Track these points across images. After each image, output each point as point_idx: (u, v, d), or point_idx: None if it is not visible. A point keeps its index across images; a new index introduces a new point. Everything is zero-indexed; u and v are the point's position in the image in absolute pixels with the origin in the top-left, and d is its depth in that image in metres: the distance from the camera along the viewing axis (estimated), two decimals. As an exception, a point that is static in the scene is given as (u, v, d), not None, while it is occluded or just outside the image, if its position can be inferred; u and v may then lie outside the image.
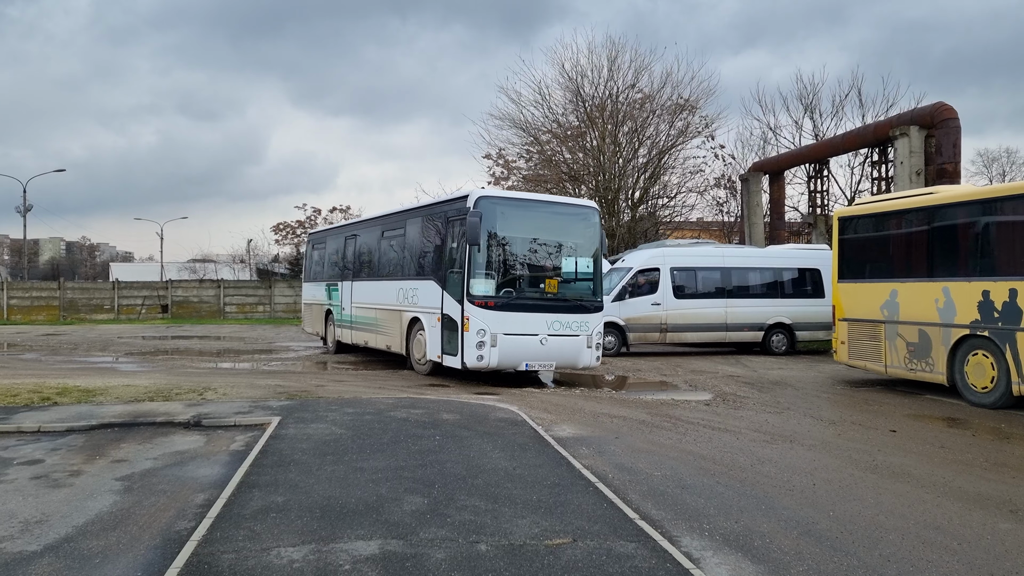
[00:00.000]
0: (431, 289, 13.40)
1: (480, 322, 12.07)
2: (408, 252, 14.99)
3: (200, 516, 5.47)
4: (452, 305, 12.57)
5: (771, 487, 6.60)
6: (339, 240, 19.29)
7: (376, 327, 16.17)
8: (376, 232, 16.86)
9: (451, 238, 12.98)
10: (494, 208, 12.30)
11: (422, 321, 13.75)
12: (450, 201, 13.43)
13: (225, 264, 56.34)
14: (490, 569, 4.50)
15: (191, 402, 10.21)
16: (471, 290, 12.13)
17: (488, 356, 12.13)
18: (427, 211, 14.39)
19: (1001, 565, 4.84)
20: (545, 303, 12.58)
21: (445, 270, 12.97)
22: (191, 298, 41.87)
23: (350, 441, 7.83)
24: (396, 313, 15.03)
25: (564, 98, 31.63)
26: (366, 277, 17.16)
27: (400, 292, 14.80)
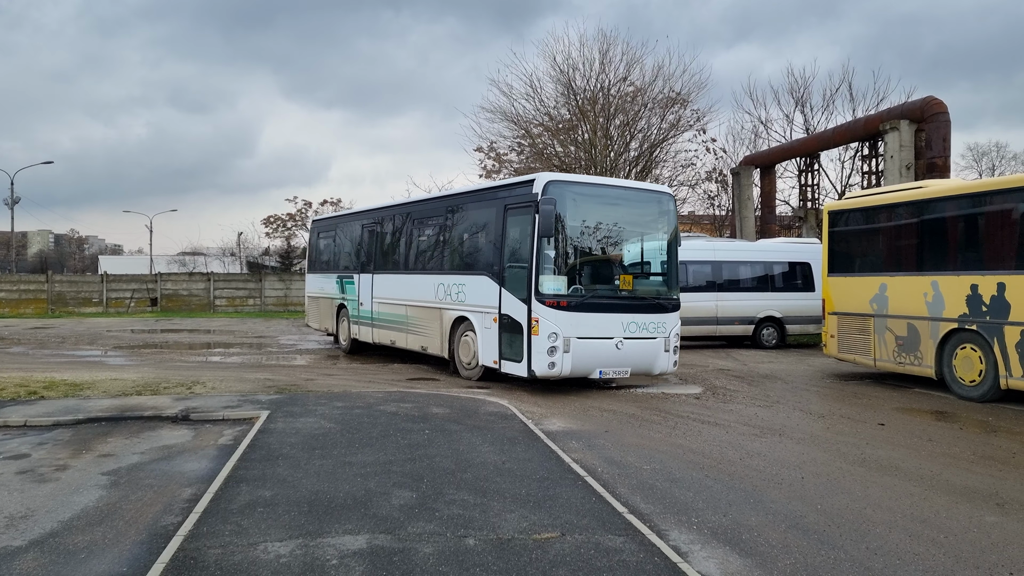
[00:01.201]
0: (484, 285, 11.96)
1: (552, 324, 10.62)
2: (451, 243, 13.55)
3: (187, 511, 5.43)
4: (514, 304, 11.14)
5: (760, 481, 6.61)
6: (354, 228, 17.64)
7: (407, 326, 14.67)
8: (406, 220, 15.35)
9: (511, 228, 11.52)
10: (564, 193, 10.79)
11: (471, 321, 12.32)
12: (510, 186, 12.07)
13: (215, 257, 56.07)
14: (478, 563, 4.49)
15: (179, 396, 10.16)
16: (540, 288, 10.69)
17: (560, 363, 10.65)
18: (478, 197, 12.96)
19: (987, 558, 4.86)
20: (620, 302, 11.27)
21: (503, 264, 11.51)
22: (180, 291, 41.67)
23: (339, 435, 7.81)
24: (435, 311, 13.54)
25: (556, 91, 31.58)
26: (393, 270, 15.59)
27: (440, 288, 13.32)
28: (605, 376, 11.15)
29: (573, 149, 31.42)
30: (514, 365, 11.14)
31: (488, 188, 12.97)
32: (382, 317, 15.72)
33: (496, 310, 11.55)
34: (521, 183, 11.57)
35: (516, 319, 11.08)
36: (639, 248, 11.92)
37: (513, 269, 11.35)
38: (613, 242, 11.77)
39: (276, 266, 51.32)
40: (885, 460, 7.41)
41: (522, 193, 11.31)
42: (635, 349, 11.23)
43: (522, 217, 11.18)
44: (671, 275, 12.02)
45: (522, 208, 11.20)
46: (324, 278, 19.20)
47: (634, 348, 11.21)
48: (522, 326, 10.89)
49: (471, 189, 13.82)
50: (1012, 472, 7.03)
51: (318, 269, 19.81)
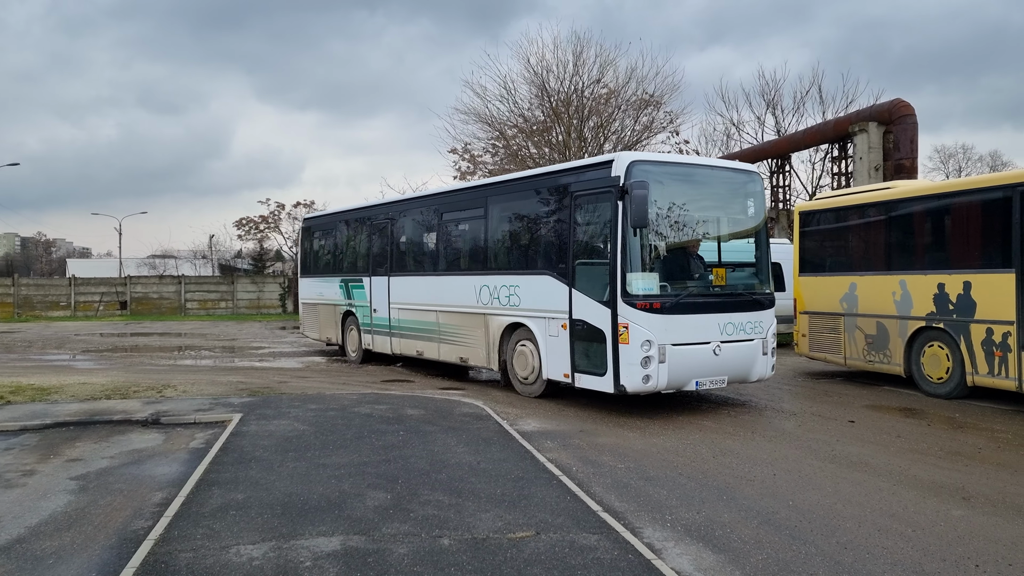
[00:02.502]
0: (547, 286, 10.33)
1: (644, 330, 8.96)
2: (498, 239, 11.86)
3: (157, 515, 5.37)
4: (591, 308, 9.52)
5: (732, 478, 6.67)
6: (363, 225, 15.73)
7: (439, 334, 12.92)
8: (431, 213, 13.48)
9: (582, 218, 9.96)
10: (649, 175, 9.14)
11: (530, 328, 10.68)
12: (578, 170, 10.32)
13: (186, 260, 55.38)
14: (453, 563, 4.48)
15: (150, 400, 10.03)
16: (629, 287, 9.03)
17: (656, 376, 9.02)
18: (535, 184, 11.13)
19: (953, 551, 4.95)
20: (716, 300, 9.76)
21: (571, 261, 9.91)
22: (151, 294, 41.16)
23: (313, 437, 7.76)
24: (477, 317, 11.88)
25: (530, 93, 31.64)
26: (417, 271, 13.90)
27: (485, 291, 11.66)
28: (702, 387, 9.54)
29: (548, 151, 31.50)
30: (593, 379, 9.54)
31: (548, 173, 11.06)
32: (404, 325, 13.97)
33: (566, 315, 9.92)
34: (593, 165, 9.94)
35: (595, 325, 9.45)
36: (730, 236, 10.46)
37: (587, 266, 9.80)
38: (702, 230, 10.17)
39: (249, 268, 50.84)
40: (855, 456, 7.51)
41: (596, 177, 9.69)
42: (733, 354, 9.66)
43: (597, 205, 9.64)
44: (764, 266, 10.48)
45: (596, 194, 9.64)
46: (324, 282, 17.34)
47: (732, 353, 9.65)
48: (604, 333, 9.28)
49: (524, 176, 11.84)
50: (978, 467, 7.16)
51: (315, 272, 17.94)
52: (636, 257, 9.15)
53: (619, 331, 9.09)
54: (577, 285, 9.82)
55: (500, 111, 31.78)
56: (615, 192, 9.18)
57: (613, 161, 9.37)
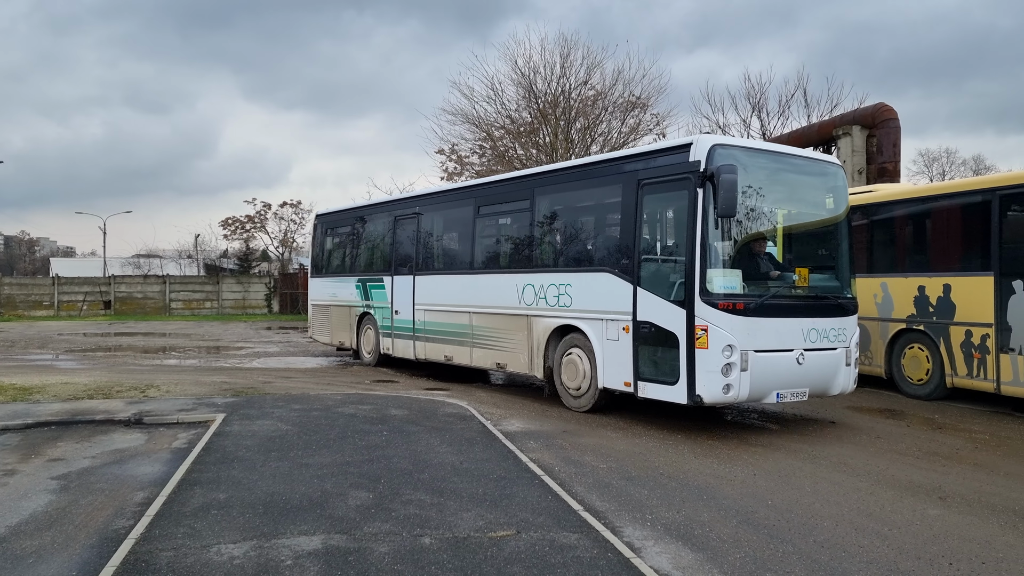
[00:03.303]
0: (607, 285, 9.33)
1: (726, 334, 7.99)
2: (545, 233, 10.91)
3: (139, 514, 5.37)
4: (661, 308, 8.53)
5: (713, 478, 6.73)
6: (384, 221, 14.74)
7: (471, 338, 11.89)
8: (466, 207, 12.45)
9: (650, 209, 9.13)
10: (734, 160, 8.14)
11: (584, 332, 9.67)
12: (647, 155, 9.28)
13: (171, 259, 55.13)
14: (433, 562, 4.51)
15: (132, 400, 9.99)
16: (709, 285, 8.09)
17: (738, 385, 8.04)
18: (590, 173, 10.26)
19: (928, 549, 5.02)
20: (799, 304, 8.81)
21: (636, 256, 8.94)
22: (135, 294, 40.92)
23: (296, 437, 7.76)
24: (518, 319, 10.88)
25: (517, 94, 31.69)
26: (447, 269, 12.97)
27: (529, 290, 10.67)
28: (782, 400, 8.54)
29: (535, 152, 31.57)
30: (662, 388, 8.53)
31: (608, 160, 9.99)
32: (431, 328, 12.93)
33: (628, 316, 8.91)
34: (666, 150, 8.96)
35: (665, 328, 8.46)
36: (812, 232, 9.62)
37: (656, 262, 9.02)
38: (783, 225, 9.42)
39: (234, 268, 50.65)
40: (835, 457, 7.58)
41: (669, 163, 8.73)
42: (816, 364, 8.66)
43: (671, 193, 8.81)
44: (846, 267, 9.43)
45: (670, 181, 8.71)
46: (337, 282, 16.29)
47: (815, 362, 8.65)
48: (676, 337, 8.29)
49: (579, 164, 10.76)
50: (955, 467, 7.26)
51: (328, 272, 16.91)
52: (717, 252, 8.22)
53: (696, 334, 8.09)
54: (643, 283, 8.84)
55: (487, 112, 31.83)
56: (693, 179, 8.22)
57: (692, 144, 8.42)
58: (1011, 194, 9.96)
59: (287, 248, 55.20)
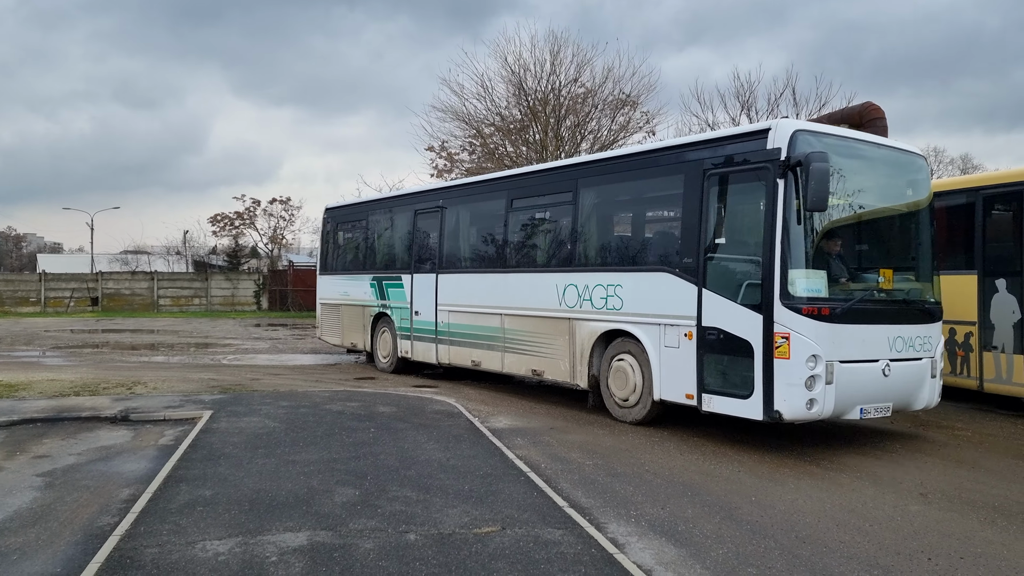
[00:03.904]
0: (665, 286, 8.48)
1: (810, 343, 7.16)
2: (592, 228, 10.07)
3: (124, 511, 5.37)
4: (732, 312, 7.70)
5: (698, 475, 6.78)
6: (401, 214, 13.84)
7: (503, 342, 11.01)
8: (498, 200, 11.52)
9: (718, 202, 8.17)
10: (821, 148, 7.34)
11: (637, 337, 8.83)
12: (715, 142, 8.40)
13: (159, 256, 54.88)
14: (418, 558, 4.54)
15: (119, 396, 9.97)
16: (791, 287, 7.25)
17: (823, 399, 7.21)
18: (650, 162, 9.27)
19: (908, 544, 5.08)
20: (885, 308, 7.95)
21: (703, 254, 8.08)
22: (123, 290, 40.71)
23: (283, 434, 7.77)
24: (561, 323, 9.97)
25: (507, 91, 31.67)
26: (476, 267, 11.98)
27: (572, 290, 9.77)
28: (866, 416, 7.70)
29: (525, 149, 31.59)
30: (732, 402, 7.67)
31: (668, 148, 9.09)
32: (456, 330, 12.03)
33: (692, 321, 8.07)
34: (738, 136, 8.15)
35: (736, 335, 7.62)
36: (896, 229, 8.80)
37: (726, 262, 8.14)
38: (870, 222, 8.53)
39: (223, 265, 50.45)
40: (820, 454, 7.65)
41: (743, 150, 7.91)
42: (901, 375, 7.85)
43: (744, 185, 8.05)
44: (929, 266, 8.63)
45: (744, 171, 7.92)
46: (350, 280, 15.27)
47: (901, 374, 7.84)
48: (750, 345, 7.46)
49: (632, 153, 10.03)
50: (938, 464, 7.34)
51: (340, 269, 15.84)
52: (800, 250, 7.41)
53: (775, 343, 7.26)
54: (710, 284, 7.99)
55: (477, 109, 31.78)
56: (772, 168, 7.41)
57: (770, 130, 7.62)
58: (995, 194, 10.07)
59: (276, 245, 55.03)
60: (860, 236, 8.60)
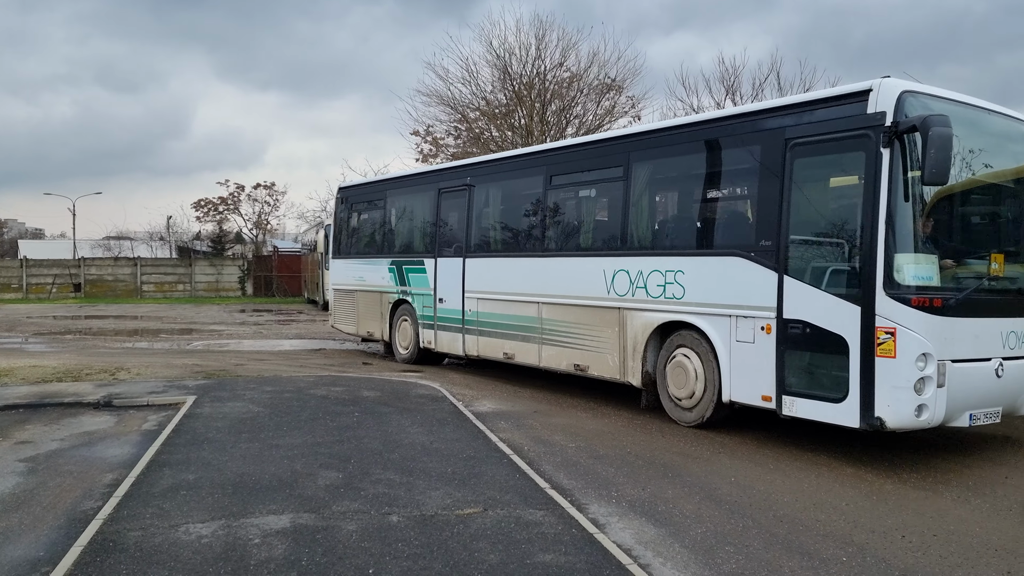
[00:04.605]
0: (737, 272, 7.49)
1: (920, 339, 6.20)
2: (647, 207, 9.08)
3: (107, 495, 5.38)
4: (821, 302, 6.73)
5: (679, 456, 6.86)
6: (424, 194, 12.82)
7: (540, 333, 10.00)
8: (535, 177, 10.48)
9: (809, 175, 7.21)
10: (940, 111, 6.30)
11: (703, 331, 7.84)
12: (803, 106, 7.36)
13: (142, 242, 54.42)
14: (400, 539, 4.59)
15: (102, 382, 9.94)
16: (897, 275, 6.28)
17: (933, 405, 6.25)
18: (718, 131, 8.20)
19: (883, 523, 5.18)
20: (999, 299, 7.01)
21: (785, 235, 7.08)
22: (106, 276, 40.43)
23: (267, 419, 7.79)
24: (609, 313, 8.94)
25: (492, 76, 31.55)
26: (508, 251, 11.07)
27: (623, 276, 8.75)
28: (975, 423, 6.69)
29: (510, 134, 31.52)
30: (822, 407, 6.70)
31: (742, 115, 8.11)
32: (486, 319, 11.06)
33: (771, 312, 7.10)
34: (828, 100, 7.06)
35: (829, 329, 6.63)
36: (1008, 209, 7.55)
37: (814, 245, 7.14)
38: (984, 201, 7.52)
39: (207, 251, 50.17)
40: (801, 435, 7.74)
41: (836, 116, 6.86)
42: (1013, 375, 6.87)
43: (837, 156, 7.05)
44: None
45: (836, 140, 6.88)
46: (366, 264, 14.23)
47: (1013, 374, 6.86)
48: (845, 341, 6.48)
49: (694, 121, 8.96)
50: (912, 444, 7.45)
51: (354, 253, 14.74)
52: (908, 230, 6.41)
53: (877, 338, 6.29)
54: (793, 271, 7.01)
55: (463, 94, 31.65)
56: (874, 135, 6.41)
57: (871, 92, 6.54)
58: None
59: (261, 230, 54.80)
60: (968, 216, 7.41)
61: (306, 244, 39.34)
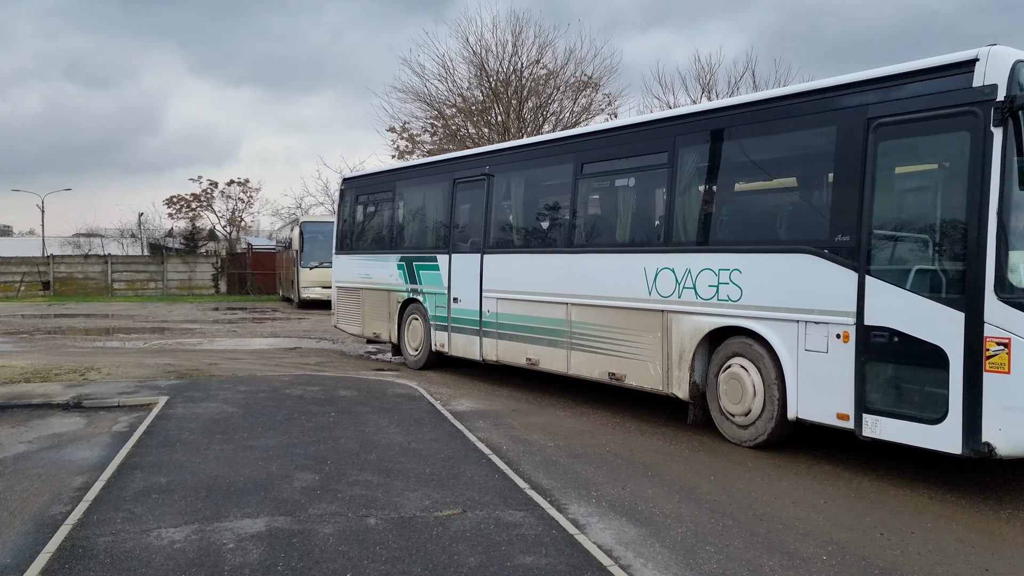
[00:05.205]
0: (809, 270, 6.58)
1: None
2: (695, 196, 8.08)
3: (77, 499, 5.26)
4: (914, 307, 5.86)
5: (659, 455, 6.85)
6: (437, 185, 11.92)
7: (571, 337, 9.04)
8: (563, 165, 9.56)
9: (897, 160, 6.42)
10: None
11: (764, 337, 6.94)
12: (887, 80, 6.30)
13: (113, 239, 53.66)
14: (378, 542, 4.52)
15: (72, 383, 9.74)
16: (1012, 276, 5.53)
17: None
18: (782, 110, 7.18)
19: (862, 520, 5.20)
20: None
21: (867, 229, 6.18)
22: (76, 274, 39.75)
23: (241, 419, 7.67)
24: (651, 316, 8.03)
25: (469, 72, 31.45)
26: (532, 246, 10.17)
27: (667, 275, 7.84)
28: None
29: (487, 131, 31.44)
30: (914, 428, 5.83)
31: (810, 93, 6.99)
32: (506, 321, 10.09)
33: (849, 317, 6.21)
34: (924, 72, 6.08)
35: (922, 338, 5.78)
36: None
37: (903, 241, 6.23)
38: None
39: (180, 248, 49.54)
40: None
41: (932, 90, 5.99)
42: None
43: (932, 137, 6.17)
44: None
45: (932, 119, 5.99)
46: (372, 261, 13.32)
47: None
48: (943, 352, 5.65)
49: (754, 100, 7.87)
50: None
51: (360, 248, 13.82)
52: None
53: (986, 350, 5.45)
54: (877, 270, 6.13)
55: (439, 90, 31.52)
56: (982, 112, 5.58)
57: (978, 62, 5.69)
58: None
59: (235, 227, 54.23)
60: None
61: (281, 241, 38.93)
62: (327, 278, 26.07)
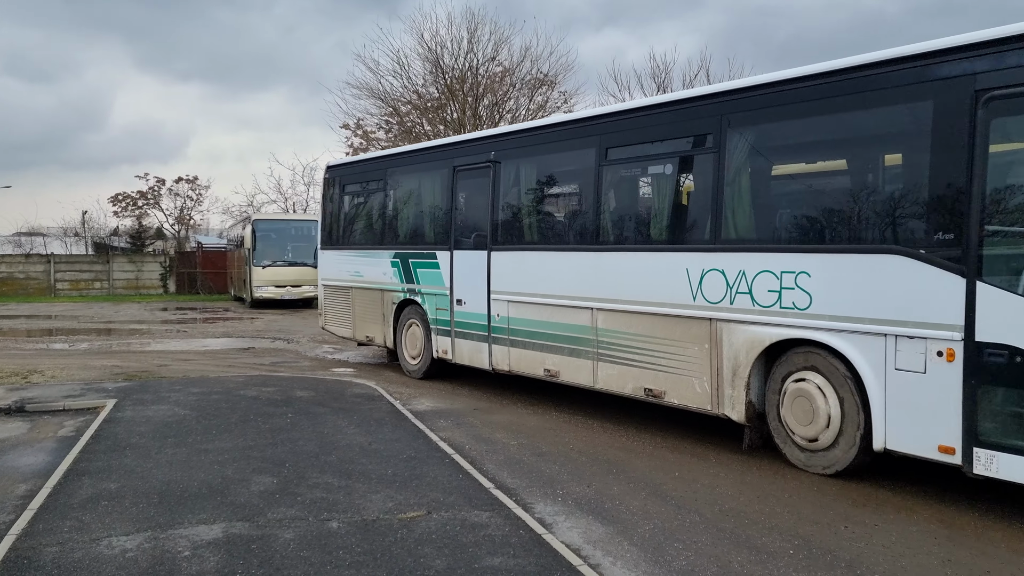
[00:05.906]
0: (899, 275, 5.55)
1: None
2: (748, 187, 6.87)
3: (21, 508, 5.02)
4: None
5: (623, 451, 6.82)
6: (435, 173, 10.66)
7: (597, 347, 7.95)
8: (579, 150, 8.49)
9: (1009, 142, 5.41)
10: None
11: (841, 353, 5.92)
12: (998, 44, 5.16)
13: (56, 238, 51.93)
14: (341, 546, 4.39)
15: (13, 386, 9.36)
16: None
17: None
18: (857, 82, 5.99)
19: (825, 513, 5.23)
20: None
21: (977, 227, 5.17)
22: (16, 274, 38.44)
23: (194, 422, 7.43)
24: (695, 325, 6.97)
25: (424, 69, 31.22)
26: (549, 242, 9.04)
27: (715, 278, 6.78)
28: None
29: (443, 128, 31.25)
30: None
31: (899, 60, 5.76)
32: (520, 327, 8.99)
33: (956, 333, 5.21)
34: None
35: None
36: None
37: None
38: None
39: (126, 247, 48.24)
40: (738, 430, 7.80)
41: None
42: None
43: None
44: None
45: None
46: (364, 257, 12.10)
47: None
48: None
49: (825, 70, 6.26)
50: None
51: (349, 243, 12.55)
52: None
53: None
54: (991, 276, 5.13)
55: (394, 87, 31.25)
56: None
57: None
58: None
59: (183, 226, 52.98)
60: None
61: (232, 240, 38.16)
62: (280, 277, 25.81)
